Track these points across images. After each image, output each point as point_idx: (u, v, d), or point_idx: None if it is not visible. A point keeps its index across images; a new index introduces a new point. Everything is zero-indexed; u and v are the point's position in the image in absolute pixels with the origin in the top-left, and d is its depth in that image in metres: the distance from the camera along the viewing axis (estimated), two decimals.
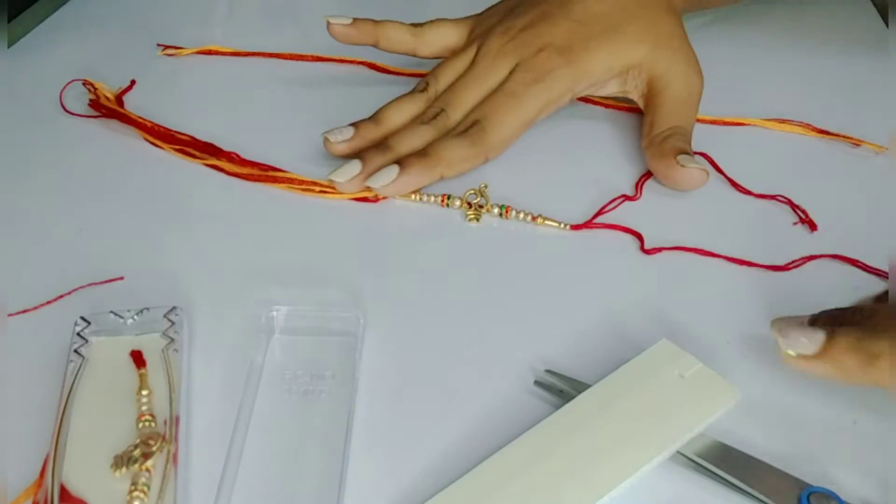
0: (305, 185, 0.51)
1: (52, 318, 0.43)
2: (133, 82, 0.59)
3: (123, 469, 0.36)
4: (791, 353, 0.38)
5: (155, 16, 0.69)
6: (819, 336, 0.37)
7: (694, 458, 0.37)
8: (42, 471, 0.36)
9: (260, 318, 0.42)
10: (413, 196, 0.51)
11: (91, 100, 0.57)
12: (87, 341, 0.40)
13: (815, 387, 0.41)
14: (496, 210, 0.50)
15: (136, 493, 0.35)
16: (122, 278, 0.45)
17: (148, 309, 0.42)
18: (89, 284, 0.45)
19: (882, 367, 0.36)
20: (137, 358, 0.40)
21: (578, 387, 0.40)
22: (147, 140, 0.55)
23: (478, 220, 0.50)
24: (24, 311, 0.43)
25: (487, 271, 0.47)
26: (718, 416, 0.38)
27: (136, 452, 0.36)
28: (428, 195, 0.51)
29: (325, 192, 0.51)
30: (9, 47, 0.63)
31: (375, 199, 0.51)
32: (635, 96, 0.56)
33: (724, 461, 0.37)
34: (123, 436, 0.37)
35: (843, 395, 0.41)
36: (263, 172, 0.52)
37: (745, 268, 0.48)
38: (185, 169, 0.53)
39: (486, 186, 0.51)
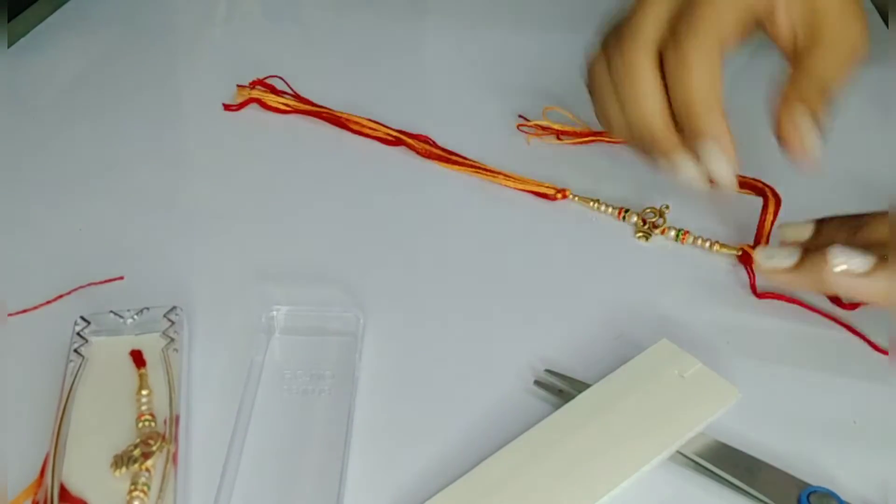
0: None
1: (52, 318, 0.43)
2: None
3: (123, 469, 0.36)
4: (842, 269, 0.39)
5: (155, 16, 0.69)
6: (870, 258, 0.39)
7: (694, 458, 0.37)
8: (42, 470, 0.36)
9: (260, 318, 0.42)
10: (591, 203, 0.50)
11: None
12: (86, 341, 0.40)
13: (815, 387, 0.41)
14: (672, 233, 0.48)
15: (136, 493, 0.35)
16: (122, 278, 0.45)
17: (148, 309, 0.42)
18: (89, 284, 0.45)
19: None
20: (137, 358, 0.40)
21: (578, 387, 0.40)
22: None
23: (647, 238, 0.49)
24: (24, 311, 0.43)
25: (487, 271, 0.47)
26: (718, 416, 0.38)
27: (136, 452, 0.36)
28: (607, 206, 0.50)
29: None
30: (9, 47, 0.63)
31: None
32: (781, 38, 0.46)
33: (724, 461, 0.37)
34: (123, 435, 0.37)
35: (843, 395, 0.41)
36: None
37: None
38: (185, 169, 0.53)
39: (667, 208, 0.49)
